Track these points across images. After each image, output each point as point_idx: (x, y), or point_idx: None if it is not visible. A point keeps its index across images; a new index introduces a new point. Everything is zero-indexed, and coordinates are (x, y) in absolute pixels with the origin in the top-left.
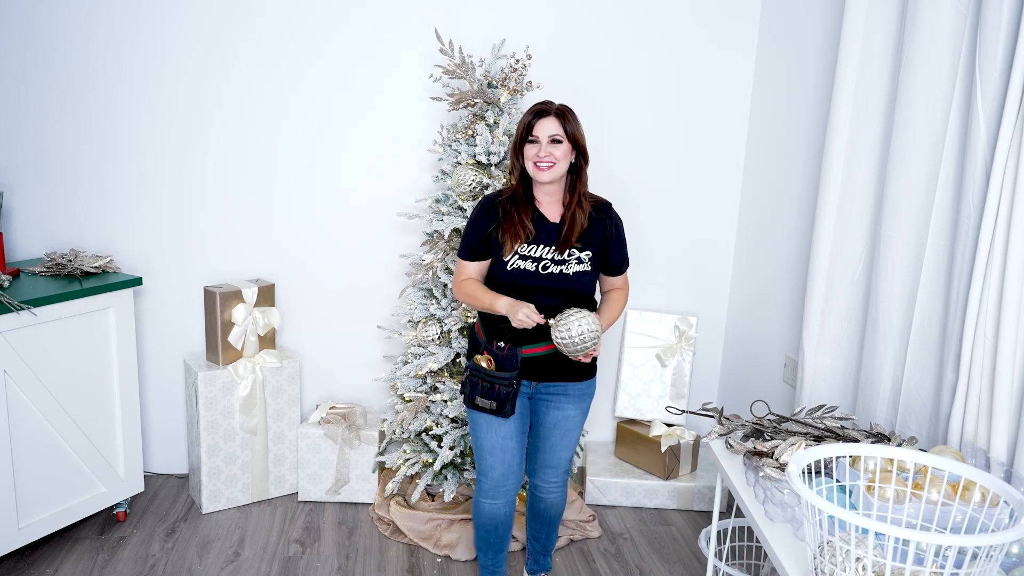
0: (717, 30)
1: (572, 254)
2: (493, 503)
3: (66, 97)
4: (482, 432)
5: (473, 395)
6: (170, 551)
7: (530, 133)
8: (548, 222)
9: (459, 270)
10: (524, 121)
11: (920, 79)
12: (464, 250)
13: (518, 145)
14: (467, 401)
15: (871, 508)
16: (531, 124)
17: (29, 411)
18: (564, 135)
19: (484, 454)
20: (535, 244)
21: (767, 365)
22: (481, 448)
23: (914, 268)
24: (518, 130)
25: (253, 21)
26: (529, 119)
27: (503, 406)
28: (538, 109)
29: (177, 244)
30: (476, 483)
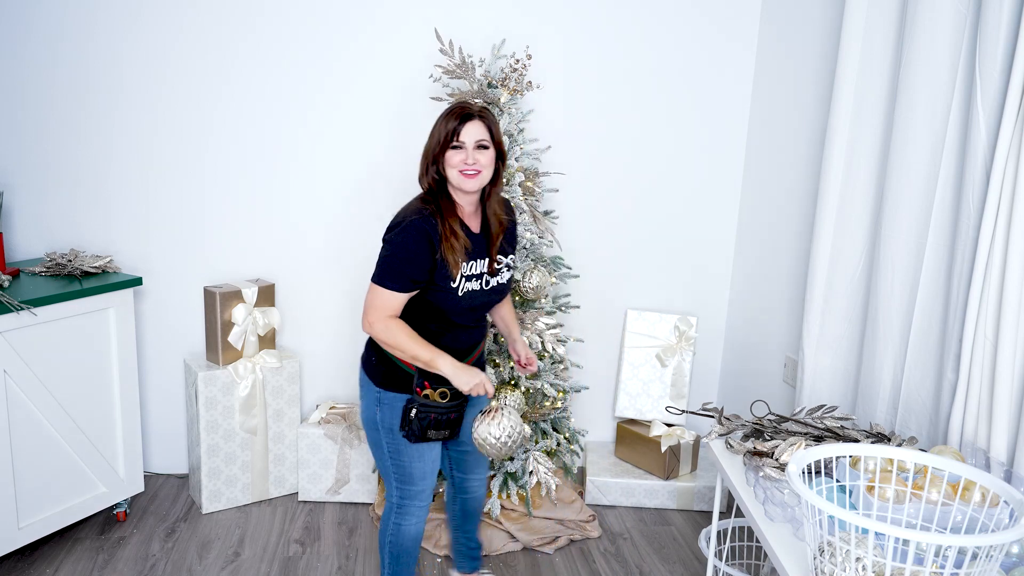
0: (717, 34)
1: (500, 261)
2: (418, 523)
3: (66, 97)
4: (415, 461)
5: (423, 431)
6: (170, 551)
7: (455, 138)
8: (473, 233)
9: (384, 304)
10: (448, 126)
11: (920, 79)
12: (401, 281)
13: (436, 152)
14: (413, 438)
15: (871, 508)
16: (456, 129)
17: (29, 411)
18: (491, 140)
19: (415, 480)
20: (473, 260)
21: (767, 365)
22: (412, 476)
23: (914, 268)
24: (437, 135)
25: (253, 21)
26: (454, 124)
27: (455, 431)
28: (462, 112)
29: (177, 244)
30: (398, 510)
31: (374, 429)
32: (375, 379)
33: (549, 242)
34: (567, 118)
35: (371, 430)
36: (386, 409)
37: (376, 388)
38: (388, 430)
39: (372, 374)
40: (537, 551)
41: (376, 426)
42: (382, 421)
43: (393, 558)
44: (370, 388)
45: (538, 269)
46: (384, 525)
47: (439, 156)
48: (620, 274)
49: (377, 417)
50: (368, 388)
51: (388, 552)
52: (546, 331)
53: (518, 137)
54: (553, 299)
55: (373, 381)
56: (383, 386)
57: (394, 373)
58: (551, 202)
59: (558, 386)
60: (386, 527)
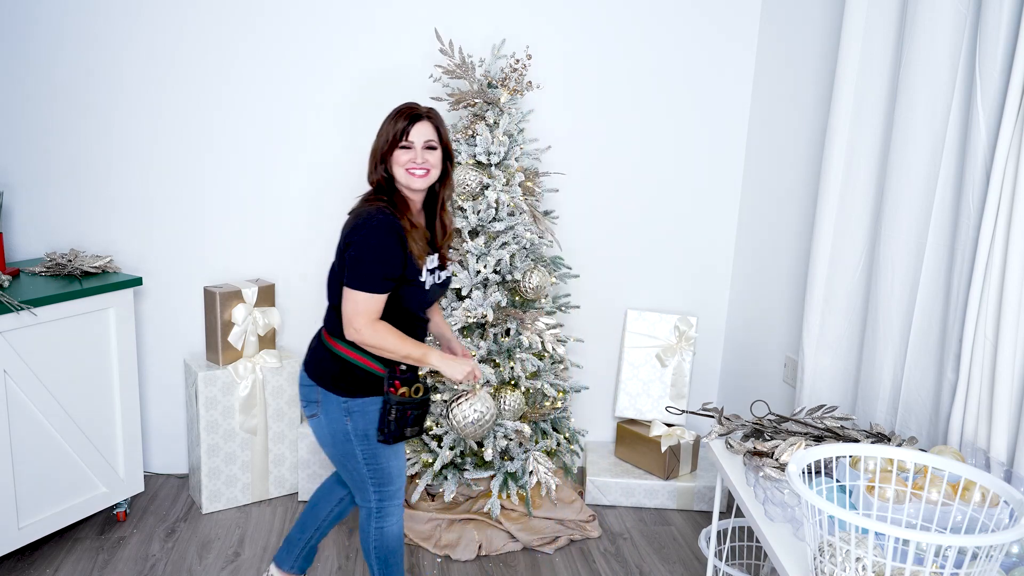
0: (718, 34)
1: (451, 256)
2: (399, 521)
3: (67, 98)
4: (391, 460)
5: (400, 431)
6: (170, 551)
7: (404, 138)
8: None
9: (368, 308)
10: (397, 126)
11: (920, 79)
12: (381, 281)
13: (384, 151)
14: (390, 439)
15: (871, 508)
16: (405, 129)
17: (29, 411)
18: (438, 141)
19: (394, 479)
20: (430, 254)
21: (767, 365)
22: (390, 476)
23: (914, 268)
24: (385, 135)
25: (254, 22)
26: (403, 124)
27: (423, 426)
28: (410, 113)
29: (177, 244)
30: (378, 514)
31: (344, 441)
32: (340, 390)
33: (549, 242)
34: (567, 118)
35: (340, 443)
36: (357, 417)
37: (342, 399)
38: (362, 437)
39: (335, 386)
40: (537, 551)
41: (347, 437)
42: (355, 430)
43: (382, 562)
44: (333, 401)
45: (538, 269)
46: (365, 533)
47: (387, 155)
48: (620, 274)
49: (349, 427)
50: (330, 401)
51: (376, 557)
52: (546, 331)
53: (518, 137)
54: (553, 299)
55: (337, 392)
56: (350, 394)
57: (361, 379)
58: (551, 202)
59: (558, 386)
60: (368, 534)
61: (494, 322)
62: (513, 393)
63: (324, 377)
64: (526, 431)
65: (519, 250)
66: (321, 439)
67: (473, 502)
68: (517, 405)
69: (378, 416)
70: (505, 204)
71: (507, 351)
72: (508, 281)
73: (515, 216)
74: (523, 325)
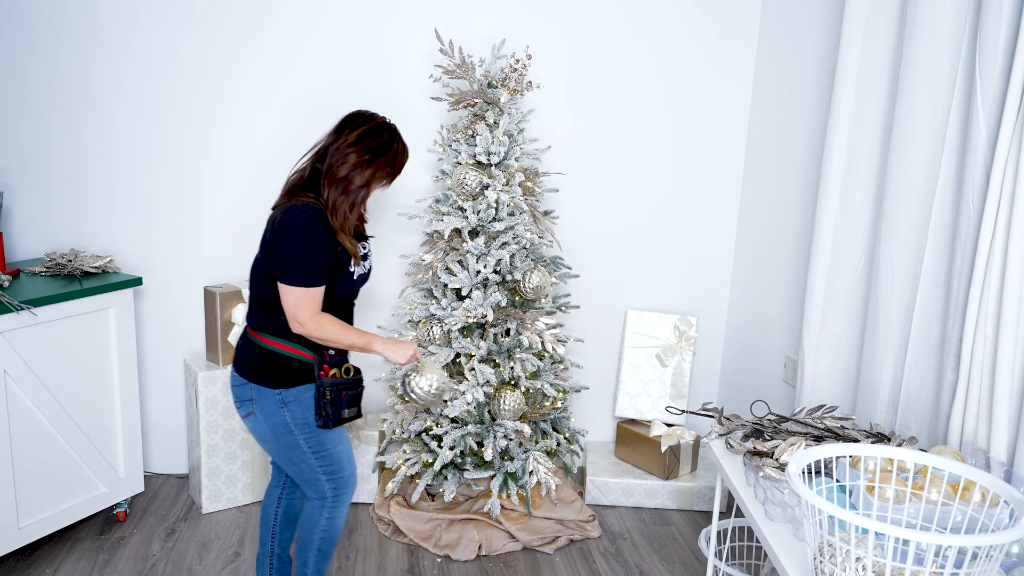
0: (718, 33)
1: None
2: (346, 511)
3: (67, 97)
4: (338, 444)
5: (338, 413)
6: (170, 551)
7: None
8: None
9: (308, 300)
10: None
11: (920, 79)
12: (314, 275)
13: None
14: (329, 423)
15: (871, 508)
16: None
17: (29, 411)
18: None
19: (344, 464)
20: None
21: (767, 365)
22: (340, 461)
23: (914, 268)
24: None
25: (255, 22)
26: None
27: (360, 408)
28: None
29: (177, 244)
30: (333, 503)
31: (286, 433)
32: (271, 383)
33: (549, 242)
34: (567, 118)
35: (282, 436)
36: (294, 406)
37: (275, 391)
38: (303, 426)
39: (266, 379)
40: (537, 551)
41: (288, 429)
42: (293, 420)
43: (321, 554)
44: (267, 395)
45: (538, 269)
46: (314, 523)
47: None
48: (620, 274)
49: (287, 418)
50: (264, 395)
51: (317, 549)
52: (546, 331)
53: (518, 137)
54: (553, 299)
55: (269, 385)
56: (282, 385)
57: (292, 368)
58: (551, 202)
59: (558, 386)
60: (316, 524)
61: (494, 322)
62: (513, 393)
63: (254, 372)
64: (526, 431)
65: (519, 250)
66: (262, 437)
67: (473, 502)
68: (517, 405)
69: (311, 402)
70: (505, 204)
71: (507, 351)
72: (508, 281)
73: (515, 216)
74: (523, 325)
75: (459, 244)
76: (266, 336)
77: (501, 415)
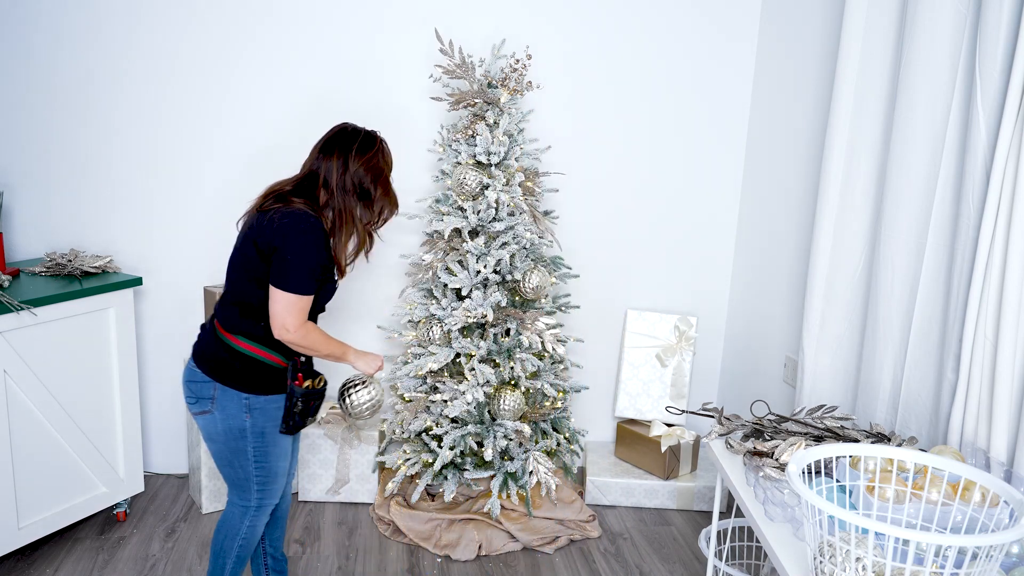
0: (717, 33)
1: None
2: (265, 519)
3: (67, 97)
4: (280, 460)
5: (303, 421)
6: (170, 551)
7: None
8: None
9: (300, 309)
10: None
11: (920, 79)
12: (312, 283)
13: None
14: (293, 430)
15: (871, 508)
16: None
17: (29, 411)
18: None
19: (278, 479)
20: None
21: (767, 365)
22: (276, 475)
23: (914, 268)
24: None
25: (255, 22)
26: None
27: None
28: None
29: (177, 244)
30: (256, 511)
31: (238, 438)
32: (242, 386)
33: (549, 242)
34: (567, 118)
35: (233, 440)
36: (258, 414)
37: (244, 395)
38: (258, 434)
39: (237, 382)
40: (537, 551)
41: (243, 435)
42: (252, 427)
43: (239, 560)
44: (233, 397)
45: (538, 269)
46: (234, 528)
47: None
48: (620, 274)
49: (247, 424)
50: (229, 397)
51: (236, 556)
52: (546, 331)
53: (518, 137)
54: (553, 299)
55: (239, 388)
56: (253, 391)
57: (264, 374)
58: (551, 202)
59: (558, 386)
60: (237, 530)
61: (494, 322)
62: (513, 393)
63: (223, 373)
64: (526, 431)
65: (519, 250)
66: (210, 435)
67: (473, 502)
68: (517, 405)
69: (277, 413)
70: (505, 204)
71: (507, 351)
72: (508, 281)
73: (515, 216)
74: (523, 325)
75: (459, 244)
76: (243, 340)
77: (501, 415)
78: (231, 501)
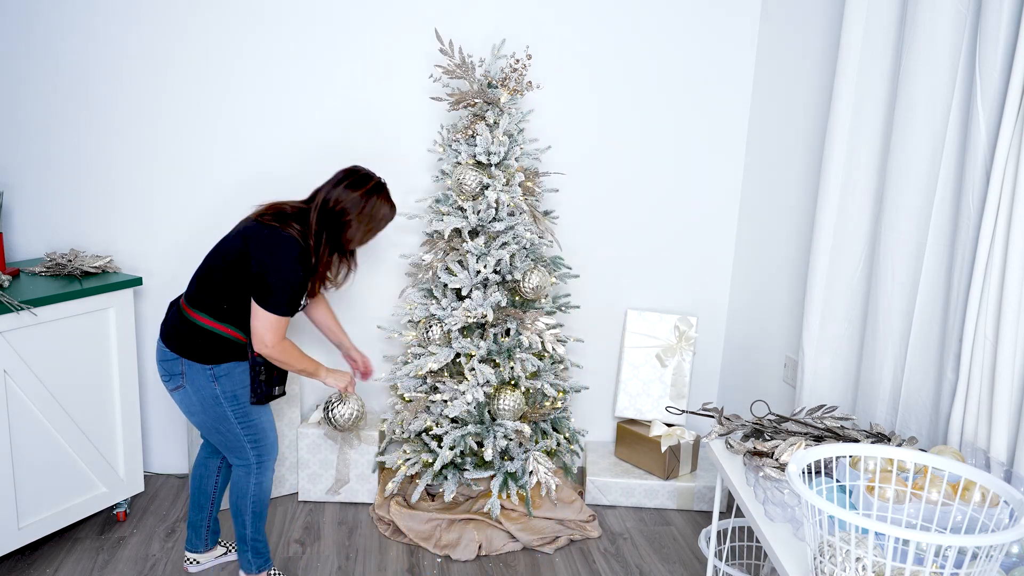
0: (718, 32)
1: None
2: (272, 474)
3: (67, 97)
4: (262, 415)
5: (270, 390)
6: (170, 551)
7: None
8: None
9: (281, 327)
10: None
11: (920, 79)
12: (295, 304)
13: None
14: (262, 399)
15: (871, 508)
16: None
17: (29, 411)
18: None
19: (268, 433)
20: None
21: (767, 365)
22: (264, 430)
23: (914, 268)
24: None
25: (254, 22)
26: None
27: (284, 385)
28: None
29: (177, 244)
30: (257, 469)
31: (215, 405)
32: (204, 358)
33: (549, 242)
34: (567, 118)
35: (211, 408)
36: (224, 380)
37: (207, 367)
38: (232, 398)
39: (199, 355)
40: (537, 551)
41: (217, 401)
42: (223, 392)
43: (256, 516)
44: (198, 369)
45: (538, 269)
46: (243, 489)
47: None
48: (620, 274)
49: (217, 391)
50: (195, 370)
51: (251, 512)
52: (546, 331)
53: (518, 137)
54: (553, 299)
55: (202, 361)
56: (214, 361)
57: (224, 346)
58: (551, 202)
59: (558, 386)
60: (246, 490)
61: (494, 322)
62: (513, 393)
63: (188, 348)
64: (526, 431)
65: (519, 250)
66: (189, 409)
67: (473, 502)
68: (517, 405)
69: (243, 377)
70: (505, 204)
71: (507, 351)
72: (508, 281)
73: (515, 216)
74: (523, 325)
75: (459, 244)
76: (204, 316)
77: (501, 415)
78: (234, 466)
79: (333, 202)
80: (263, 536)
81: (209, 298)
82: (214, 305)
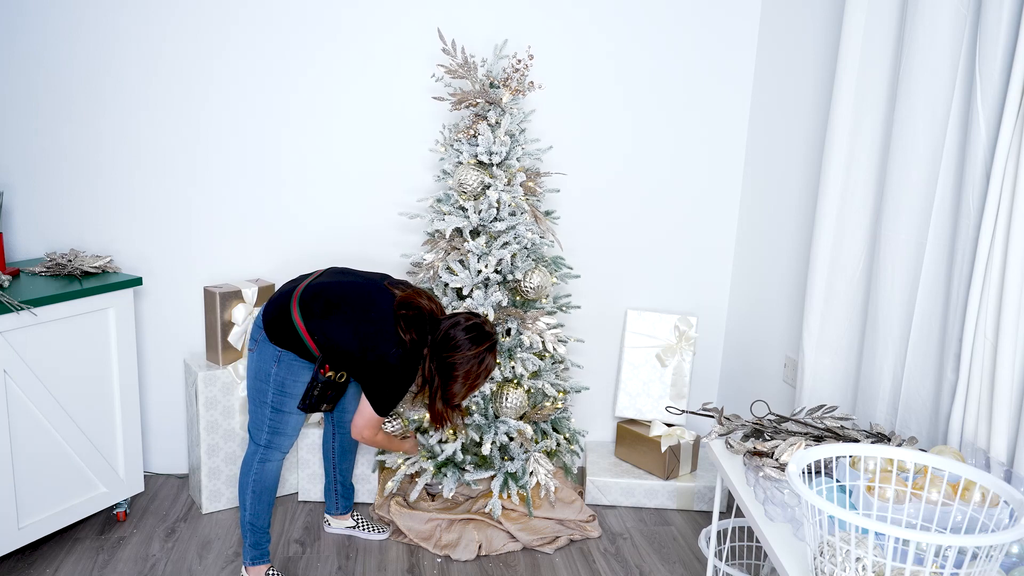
0: (717, 32)
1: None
2: (279, 462)
3: (66, 97)
4: (292, 417)
5: (318, 404)
6: (170, 551)
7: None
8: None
9: (378, 423)
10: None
11: (920, 79)
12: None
13: (468, 390)
14: (306, 408)
15: (871, 508)
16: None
17: (29, 411)
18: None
19: (289, 433)
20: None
21: (767, 365)
22: (287, 426)
23: (914, 268)
24: (482, 375)
25: (252, 20)
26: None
27: (335, 404)
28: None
29: (177, 244)
30: (265, 450)
31: (264, 380)
32: (279, 343)
33: (550, 242)
34: (569, 118)
35: (260, 380)
36: (283, 367)
37: (277, 348)
38: (279, 385)
39: (277, 339)
40: (537, 551)
41: (267, 379)
42: (276, 376)
43: (256, 496)
44: (270, 347)
45: (539, 269)
46: (247, 467)
47: (463, 389)
48: (620, 274)
49: (272, 372)
50: (267, 346)
51: (251, 491)
52: (547, 331)
53: (519, 137)
54: (554, 299)
55: (276, 343)
56: (283, 346)
57: (300, 347)
58: (552, 202)
59: (558, 386)
60: (249, 468)
61: (495, 322)
62: (516, 390)
63: (273, 329)
64: (527, 431)
65: (520, 250)
66: (249, 369)
67: (473, 502)
68: (519, 403)
69: (301, 374)
70: (506, 204)
71: (508, 351)
72: (509, 281)
73: (516, 216)
74: (524, 325)
75: (460, 244)
76: (302, 320)
77: (504, 412)
78: (249, 442)
79: (449, 349)
80: (262, 526)
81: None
82: (309, 324)
